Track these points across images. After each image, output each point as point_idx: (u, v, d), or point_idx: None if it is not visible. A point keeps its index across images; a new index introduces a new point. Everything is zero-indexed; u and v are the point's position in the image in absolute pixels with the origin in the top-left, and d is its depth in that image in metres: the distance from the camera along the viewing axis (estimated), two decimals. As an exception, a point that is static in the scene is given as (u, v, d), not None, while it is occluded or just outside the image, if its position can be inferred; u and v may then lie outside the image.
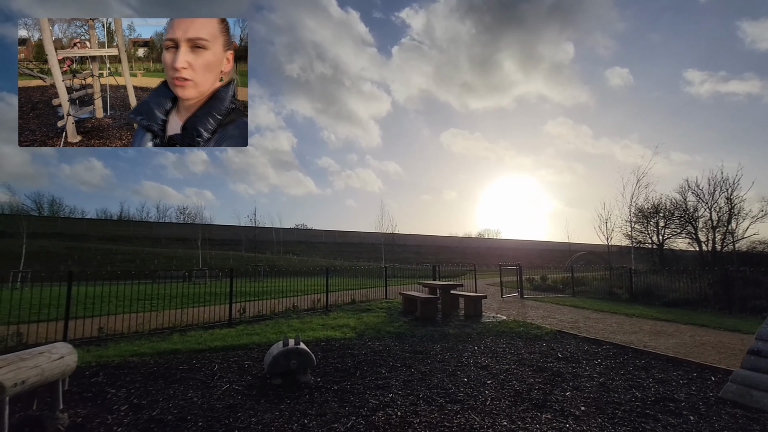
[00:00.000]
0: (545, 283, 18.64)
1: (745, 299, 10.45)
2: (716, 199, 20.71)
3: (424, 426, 3.45)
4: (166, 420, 3.57)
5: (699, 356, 5.65)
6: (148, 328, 7.37)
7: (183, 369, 5.13)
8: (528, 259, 45.02)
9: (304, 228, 58.71)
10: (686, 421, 3.55)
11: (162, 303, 9.86)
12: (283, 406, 3.91)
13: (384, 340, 6.98)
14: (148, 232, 45.27)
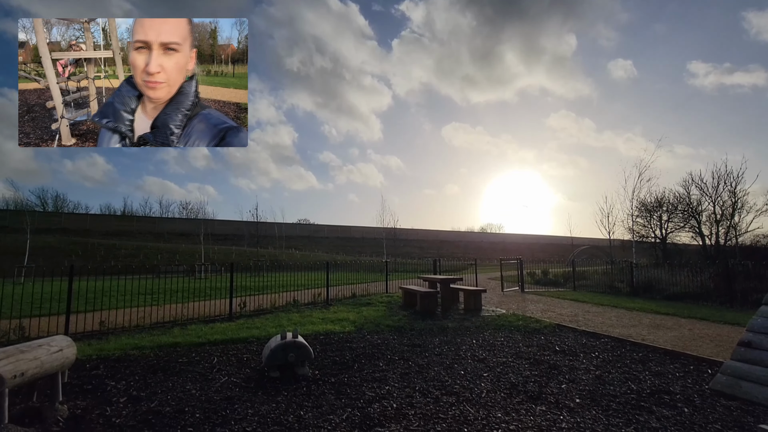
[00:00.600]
0: (546, 278, 18.63)
1: (747, 293, 10.41)
2: (720, 192, 20.57)
3: (419, 417, 3.48)
4: (164, 412, 3.62)
5: (697, 349, 5.65)
6: (149, 322, 7.44)
7: (182, 362, 5.19)
8: (530, 254, 45.00)
9: (306, 223, 58.86)
10: (680, 413, 3.56)
11: (164, 297, 9.94)
12: (280, 398, 3.94)
13: (383, 333, 7.02)
14: (152, 228, 45.51)
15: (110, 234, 40.35)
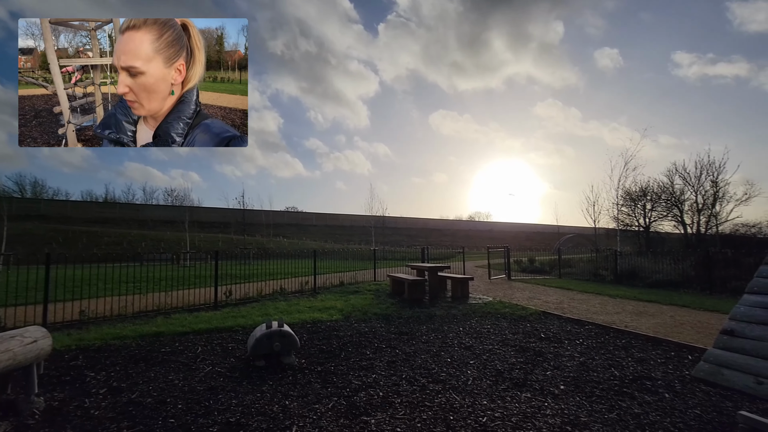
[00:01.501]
0: (533, 265, 18.87)
1: (726, 280, 10.69)
2: (702, 182, 20.95)
3: (405, 405, 3.47)
4: (145, 403, 3.54)
5: (678, 336, 5.77)
6: (132, 311, 7.29)
7: (165, 352, 5.09)
8: (517, 242, 45.53)
9: (294, 211, 58.33)
10: (662, 398, 3.62)
11: (147, 286, 9.75)
12: (266, 388, 3.90)
13: (370, 321, 7.01)
14: (135, 215, 44.53)
15: (92, 221, 39.41)
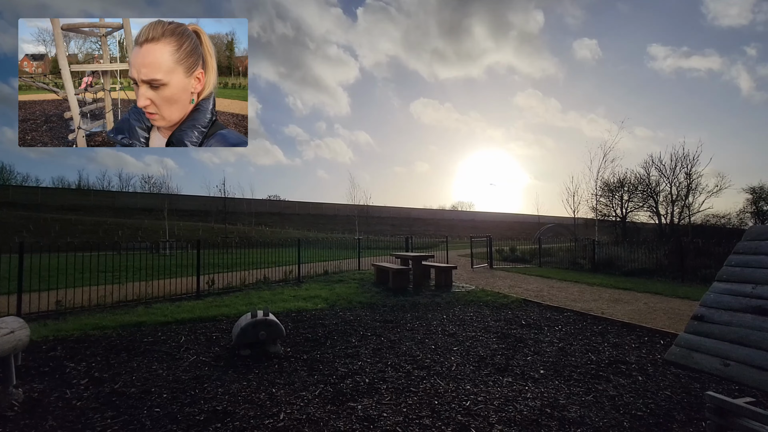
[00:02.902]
0: (514, 254, 19.26)
1: (697, 269, 11.16)
2: (677, 174, 21.71)
3: (390, 392, 3.54)
4: (128, 393, 3.50)
5: (651, 322, 6.03)
6: (111, 301, 7.13)
7: (147, 341, 5.02)
8: (499, 231, 46.24)
9: (276, 199, 57.56)
10: (635, 381, 3.81)
11: (126, 275, 9.54)
12: (251, 376, 3.91)
13: (355, 310, 7.06)
14: (111, 202, 43.15)
15: (65, 209, 38.02)
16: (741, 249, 2.84)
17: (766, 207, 23.50)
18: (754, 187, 24.31)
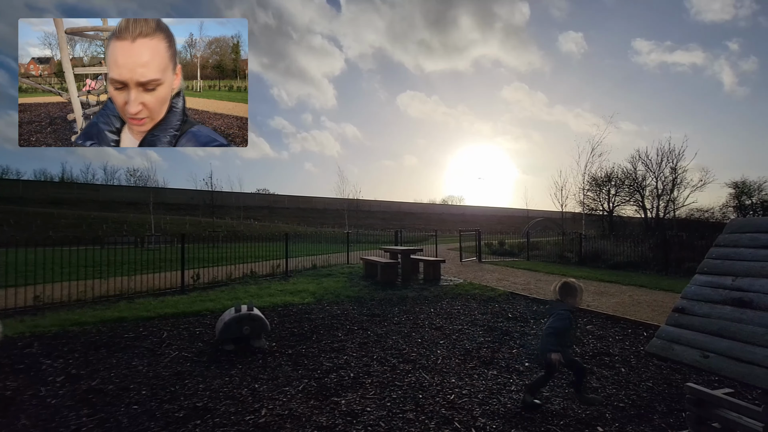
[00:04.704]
0: (503, 248, 19.37)
1: (681, 262, 11.35)
2: (663, 169, 22.04)
3: (375, 386, 3.51)
4: (106, 390, 3.41)
5: (635, 314, 6.10)
6: (92, 296, 6.96)
7: (128, 337, 4.91)
8: (489, 225, 46.52)
9: (266, 193, 57.05)
10: (618, 372, 3.84)
11: (109, 270, 9.34)
12: (234, 372, 3.84)
13: (343, 304, 7.02)
14: (95, 196, 42.20)
15: (47, 202, 37.14)
16: (722, 242, 2.86)
17: (748, 201, 24.03)
18: (736, 182, 24.83)
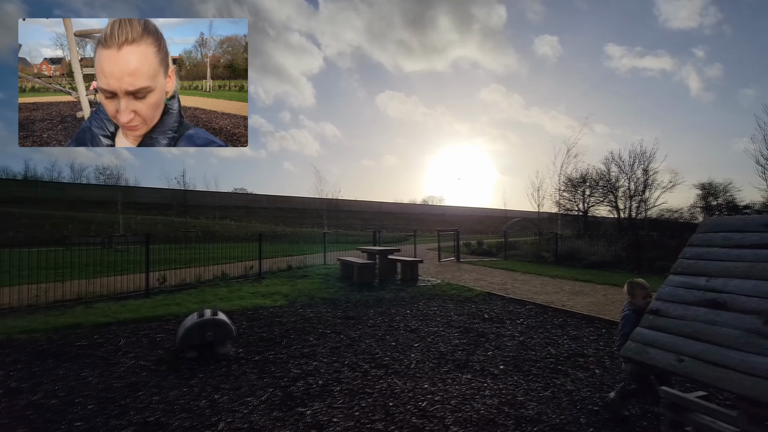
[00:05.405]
0: (481, 248, 19.49)
1: (652, 261, 11.61)
2: (635, 170, 22.62)
3: (344, 394, 3.34)
4: (48, 404, 3.12)
5: (608, 313, 6.12)
6: (46, 301, 6.52)
7: (81, 345, 4.57)
8: (468, 225, 46.94)
9: (243, 192, 55.93)
10: (592, 374, 3.79)
11: (70, 272, 8.81)
12: (194, 381, 3.60)
13: (317, 306, 6.80)
14: (61, 194, 40.25)
15: (8, 201, 35.25)
16: (695, 241, 2.81)
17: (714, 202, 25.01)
18: (704, 183, 25.80)
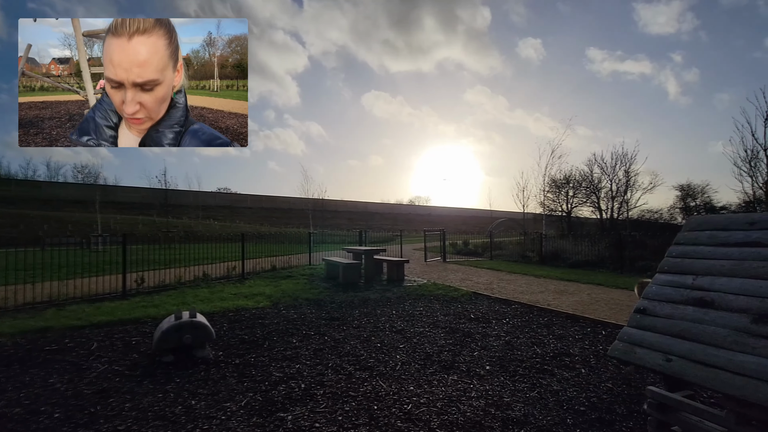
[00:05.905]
0: (467, 248, 19.56)
1: (634, 260, 11.80)
2: (617, 171, 23.03)
3: (327, 397, 3.23)
4: (10, 414, 2.93)
5: (593, 312, 6.16)
6: (14, 304, 6.21)
7: (50, 350, 4.35)
8: (455, 225, 47.16)
9: (227, 192, 54.91)
10: (578, 374, 3.76)
11: (42, 274, 8.45)
12: (170, 387, 3.44)
13: (300, 307, 6.66)
14: (36, 193, 38.86)
15: (-19, 200, 33.92)
16: (681, 240, 2.80)
17: (692, 203, 25.60)
18: (682, 185, 26.40)
